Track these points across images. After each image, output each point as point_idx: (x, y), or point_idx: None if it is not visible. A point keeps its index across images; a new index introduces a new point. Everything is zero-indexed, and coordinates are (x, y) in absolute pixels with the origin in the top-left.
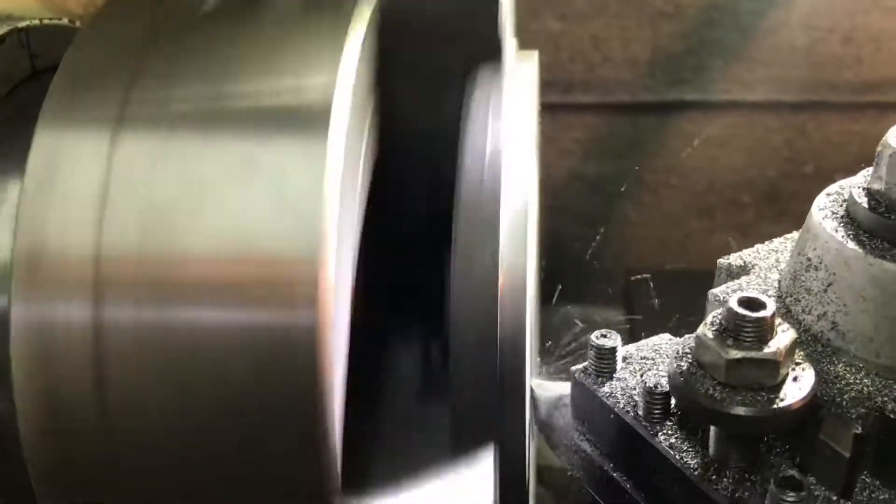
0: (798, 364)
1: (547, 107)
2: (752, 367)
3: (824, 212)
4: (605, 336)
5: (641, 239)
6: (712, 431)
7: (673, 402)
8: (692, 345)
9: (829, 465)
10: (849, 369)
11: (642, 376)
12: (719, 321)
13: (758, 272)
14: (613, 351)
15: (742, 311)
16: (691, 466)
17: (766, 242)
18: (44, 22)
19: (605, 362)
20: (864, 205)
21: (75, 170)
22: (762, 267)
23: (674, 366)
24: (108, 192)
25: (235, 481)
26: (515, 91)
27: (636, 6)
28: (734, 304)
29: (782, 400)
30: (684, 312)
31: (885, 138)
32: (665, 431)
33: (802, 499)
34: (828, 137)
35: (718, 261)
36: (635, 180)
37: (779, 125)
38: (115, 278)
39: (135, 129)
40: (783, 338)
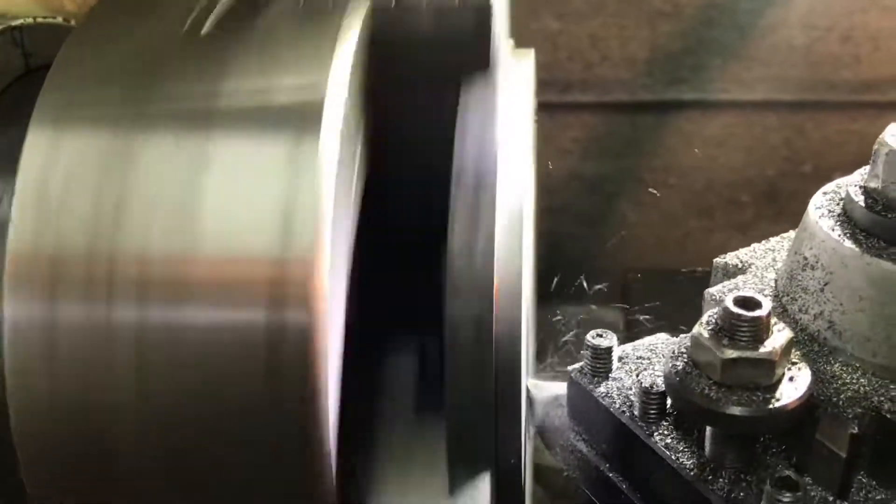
0: (794, 364)
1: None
2: (747, 366)
3: (821, 210)
4: (600, 336)
5: (640, 238)
6: (708, 431)
7: (669, 401)
8: (688, 344)
9: (826, 465)
10: (845, 369)
11: (638, 376)
12: (715, 320)
13: (754, 271)
14: (609, 351)
15: (738, 310)
16: (687, 467)
17: (763, 241)
18: (38, 20)
19: (601, 362)
20: (861, 203)
21: (69, 169)
22: (759, 266)
23: (669, 365)
24: (101, 191)
25: (229, 481)
26: (511, 91)
27: (634, 5)
28: (730, 303)
29: (778, 400)
30: (682, 312)
31: (881, 136)
32: (661, 431)
33: (798, 499)
34: (826, 136)
35: (715, 260)
36: (634, 180)
37: (777, 124)
38: (109, 278)
39: (129, 129)
40: (779, 337)
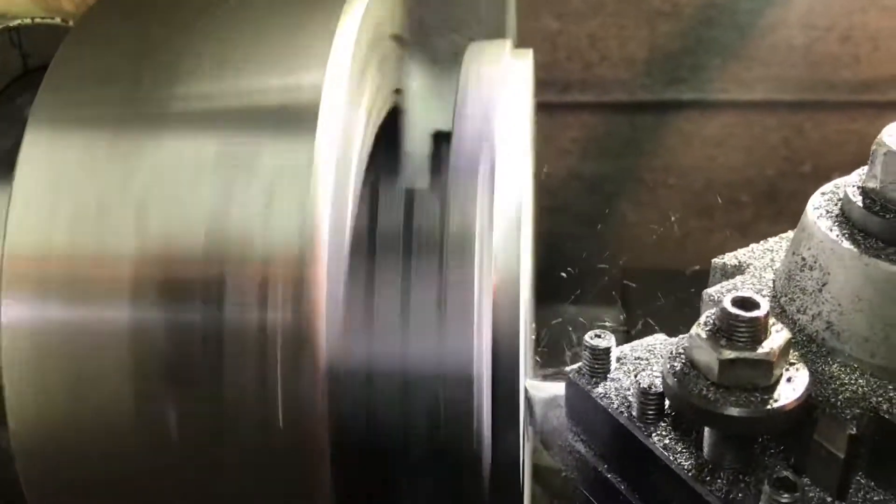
0: (792, 364)
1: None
2: (745, 367)
3: (819, 211)
4: (599, 336)
5: (639, 238)
6: (706, 432)
7: (667, 402)
8: (686, 345)
9: (824, 465)
10: (844, 370)
11: (636, 377)
12: (713, 321)
13: (752, 272)
14: (607, 351)
15: (736, 310)
16: (685, 467)
17: (761, 242)
18: (36, 21)
19: (600, 363)
20: (859, 204)
21: (66, 169)
22: (757, 266)
23: (667, 366)
24: (99, 191)
25: (226, 486)
26: (509, 91)
27: (634, 5)
28: (728, 303)
29: (776, 401)
30: (681, 312)
31: (879, 136)
32: (659, 432)
33: (797, 500)
34: (826, 136)
35: (713, 260)
36: (633, 180)
37: (777, 124)
38: (105, 278)
39: (126, 129)
40: (777, 338)
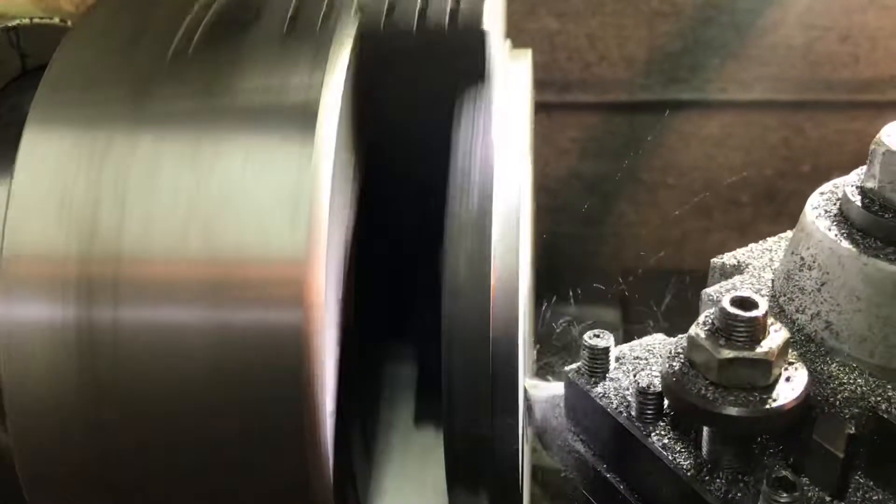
0: (791, 364)
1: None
2: (744, 366)
3: (818, 210)
4: (597, 336)
5: (638, 238)
6: (705, 432)
7: (666, 402)
8: (685, 344)
9: (823, 465)
10: (842, 369)
11: (635, 376)
12: (712, 321)
13: (751, 271)
14: (606, 351)
15: (734, 310)
16: (684, 467)
17: (760, 241)
18: (34, 21)
19: (598, 362)
20: (858, 203)
21: (63, 170)
22: (756, 266)
23: (666, 366)
24: (97, 192)
25: (225, 483)
26: (507, 92)
27: (633, 5)
28: (726, 303)
29: (775, 400)
30: (680, 312)
31: (878, 136)
32: (658, 432)
33: (795, 499)
34: (825, 136)
35: (712, 260)
36: (632, 180)
37: (776, 124)
38: (101, 278)
39: (123, 130)
40: (776, 337)
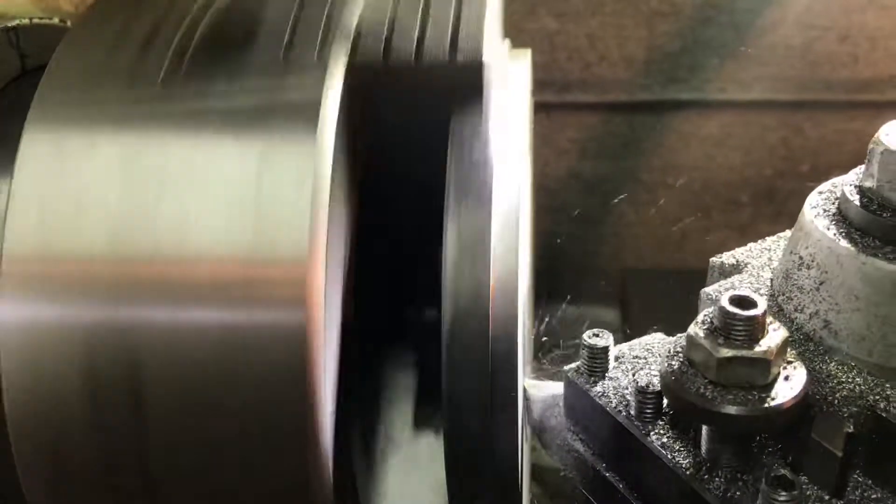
0: (790, 363)
1: (543, 106)
2: (743, 365)
3: (816, 210)
4: (597, 335)
5: (638, 238)
6: (704, 431)
7: (665, 401)
8: (683, 344)
9: (821, 464)
10: (841, 368)
11: (634, 376)
12: (711, 320)
13: (750, 270)
14: (605, 350)
15: (733, 309)
16: (683, 466)
17: (759, 241)
18: (34, 21)
19: (598, 362)
20: (856, 203)
21: (63, 170)
22: (755, 265)
23: (665, 365)
24: (96, 192)
25: (225, 483)
26: (505, 92)
27: (632, 5)
28: (725, 302)
29: (774, 399)
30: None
31: (876, 136)
32: (657, 431)
33: (794, 498)
34: (824, 136)
35: (711, 259)
36: (632, 179)
37: (775, 124)
38: (100, 278)
39: (123, 130)
40: (774, 336)
